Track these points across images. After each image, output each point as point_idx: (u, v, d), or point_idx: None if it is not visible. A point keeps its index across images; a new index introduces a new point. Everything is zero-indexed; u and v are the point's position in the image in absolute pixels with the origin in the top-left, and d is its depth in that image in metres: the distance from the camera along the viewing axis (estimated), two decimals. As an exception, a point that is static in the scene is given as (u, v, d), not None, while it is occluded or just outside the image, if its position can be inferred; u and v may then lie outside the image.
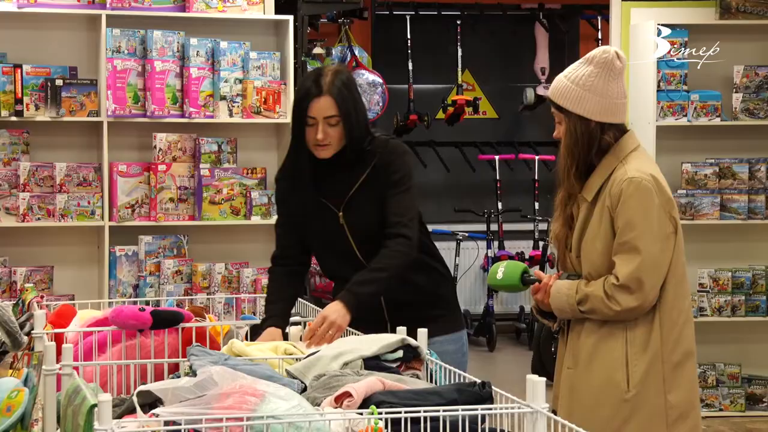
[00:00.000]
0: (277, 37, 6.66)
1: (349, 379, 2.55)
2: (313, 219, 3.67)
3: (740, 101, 7.07)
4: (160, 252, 6.36)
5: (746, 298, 7.12)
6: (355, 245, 3.61)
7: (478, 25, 10.36)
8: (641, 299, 3.28)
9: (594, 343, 3.35)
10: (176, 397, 2.32)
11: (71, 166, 6.24)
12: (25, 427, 2.95)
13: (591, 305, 3.31)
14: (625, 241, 3.29)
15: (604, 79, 3.34)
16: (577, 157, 3.36)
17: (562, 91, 3.37)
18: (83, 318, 3.45)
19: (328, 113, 3.48)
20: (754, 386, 7.18)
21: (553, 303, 3.39)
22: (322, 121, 3.49)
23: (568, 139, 3.37)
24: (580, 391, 3.37)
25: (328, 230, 3.64)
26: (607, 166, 3.37)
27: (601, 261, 3.33)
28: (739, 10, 7.04)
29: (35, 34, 6.34)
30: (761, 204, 7.07)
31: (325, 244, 3.73)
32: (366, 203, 3.59)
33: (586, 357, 3.36)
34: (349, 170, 3.59)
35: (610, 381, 3.31)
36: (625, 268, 3.26)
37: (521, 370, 5.88)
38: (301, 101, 3.54)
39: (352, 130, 3.52)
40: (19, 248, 6.32)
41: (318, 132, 3.49)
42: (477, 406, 2.28)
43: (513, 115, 10.77)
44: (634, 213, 3.29)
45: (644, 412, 3.29)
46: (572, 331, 3.42)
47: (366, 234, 3.60)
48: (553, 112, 3.43)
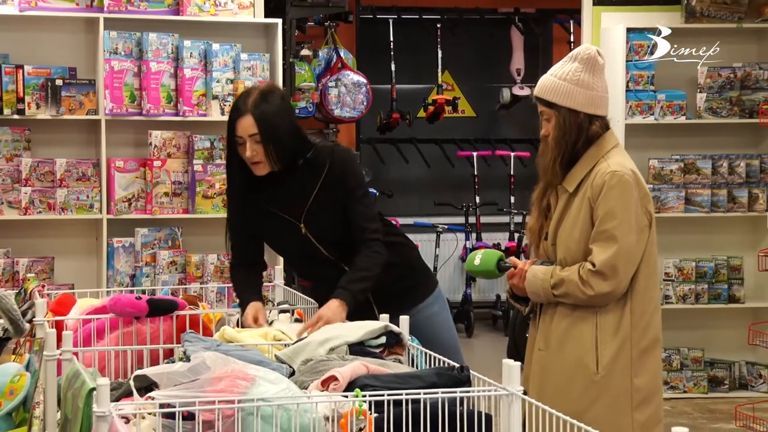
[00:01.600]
0: (266, 40, 6.65)
1: (335, 363, 2.56)
2: (274, 231, 3.61)
3: (704, 101, 7.09)
4: (156, 243, 6.35)
5: (709, 287, 7.14)
6: (323, 249, 3.58)
7: (457, 29, 10.36)
8: (614, 285, 3.28)
9: (566, 326, 3.35)
10: (171, 381, 2.32)
11: (71, 162, 6.23)
12: (27, 410, 2.95)
13: (565, 289, 3.31)
14: (604, 230, 3.30)
15: (589, 74, 3.36)
16: (564, 147, 3.36)
17: (550, 87, 3.37)
18: (82, 306, 3.44)
19: (251, 131, 3.42)
20: (716, 369, 7.21)
21: (528, 287, 3.39)
22: (248, 139, 3.43)
23: (557, 132, 3.36)
24: (551, 372, 3.37)
25: (293, 240, 3.59)
26: (589, 159, 3.38)
27: (577, 248, 3.34)
28: (703, 15, 7.06)
29: (36, 37, 6.32)
30: (723, 198, 7.10)
31: (293, 252, 3.70)
32: (325, 212, 3.54)
33: (558, 340, 3.36)
34: (301, 182, 3.53)
35: (580, 363, 3.32)
36: (602, 255, 3.27)
37: (497, 354, 5.89)
38: (229, 121, 3.49)
39: (276, 147, 3.43)
40: (21, 240, 6.30)
41: (246, 150, 3.43)
42: (456, 389, 2.28)
43: (490, 114, 10.78)
44: (614, 204, 3.30)
45: (611, 394, 3.30)
46: (544, 315, 3.43)
47: (331, 239, 3.57)
48: (541, 111, 3.42)
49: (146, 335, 3.23)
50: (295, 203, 3.54)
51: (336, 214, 3.54)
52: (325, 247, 3.57)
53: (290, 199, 3.54)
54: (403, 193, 10.22)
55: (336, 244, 3.56)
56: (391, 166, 10.34)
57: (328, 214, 3.54)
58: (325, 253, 3.57)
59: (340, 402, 2.20)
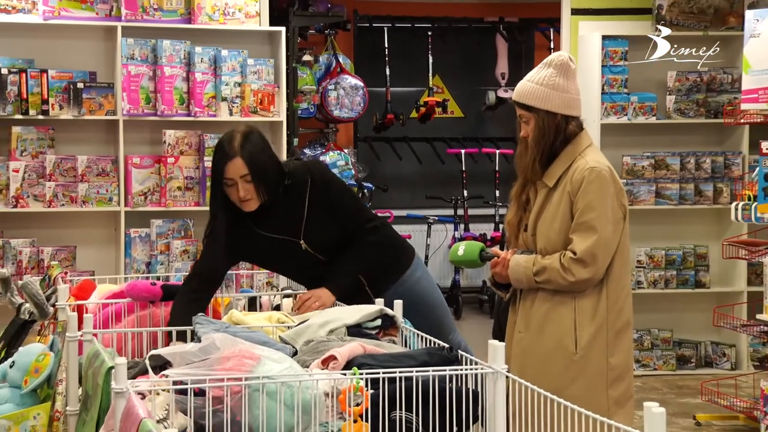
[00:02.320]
0: (271, 46, 6.63)
1: (334, 344, 2.55)
2: (270, 253, 3.55)
3: (673, 102, 7.08)
4: (170, 234, 6.33)
5: (677, 273, 7.15)
6: (320, 256, 3.55)
7: (446, 36, 10.34)
8: (593, 272, 3.28)
9: (546, 310, 3.35)
10: (183, 360, 2.31)
11: (91, 159, 6.21)
12: (51, 387, 2.94)
13: (547, 276, 3.30)
14: (584, 221, 3.29)
15: (563, 78, 3.35)
16: (543, 146, 3.35)
17: (528, 92, 3.36)
18: (102, 291, 3.43)
19: (242, 173, 3.37)
20: (684, 349, 7.22)
21: (511, 274, 3.38)
22: (239, 180, 3.37)
23: (537, 133, 3.35)
24: (531, 352, 3.37)
25: (292, 257, 3.54)
26: (567, 156, 3.36)
27: (557, 238, 3.33)
28: (672, 23, 7.05)
29: (59, 43, 6.30)
30: (690, 191, 7.10)
31: (291, 267, 3.65)
32: (319, 224, 3.52)
33: (538, 323, 3.36)
34: (289, 204, 3.49)
35: (559, 344, 3.31)
36: (582, 244, 3.26)
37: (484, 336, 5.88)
38: (215, 167, 3.41)
39: (264, 183, 3.40)
40: (45, 230, 6.28)
41: (240, 191, 3.38)
42: (445, 368, 2.28)
43: (477, 115, 10.76)
44: (593, 197, 3.29)
45: (589, 373, 3.30)
46: (524, 300, 3.42)
47: (328, 245, 3.54)
48: (519, 114, 3.40)
49: (160, 318, 3.22)
50: (289, 225, 3.50)
51: (331, 223, 3.52)
52: (322, 255, 3.54)
53: (283, 223, 3.50)
54: (397, 187, 10.21)
55: (333, 247, 3.55)
56: (386, 162, 10.33)
57: (324, 226, 3.52)
58: (321, 258, 3.55)
59: (339, 379, 2.20)
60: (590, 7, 7.22)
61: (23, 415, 2.89)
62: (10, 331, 3.53)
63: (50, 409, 2.87)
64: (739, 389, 6.18)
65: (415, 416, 2.25)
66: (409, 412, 2.25)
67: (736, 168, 7.09)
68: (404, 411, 2.24)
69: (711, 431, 5.89)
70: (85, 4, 6.26)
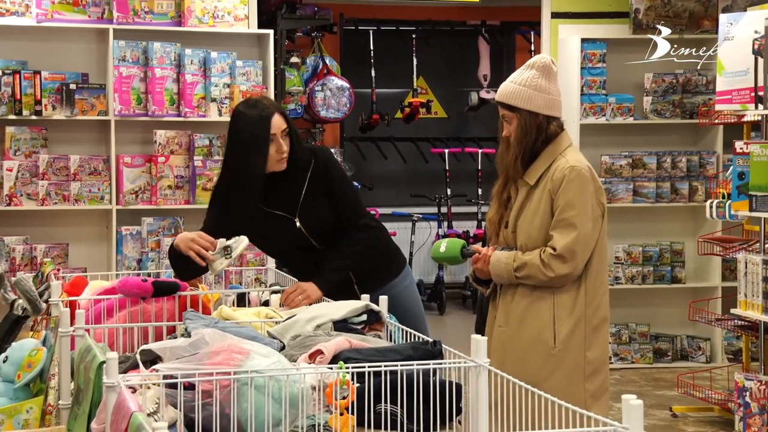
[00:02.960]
0: (259, 48, 6.61)
1: (321, 339, 2.54)
2: (265, 228, 3.53)
3: (650, 103, 7.11)
4: (160, 231, 6.31)
5: (654, 269, 7.17)
6: (314, 241, 3.53)
7: (430, 39, 10.35)
8: (572, 268, 3.28)
9: (525, 305, 3.34)
10: (174, 354, 2.30)
11: (83, 158, 6.19)
12: (44, 381, 2.92)
13: (527, 271, 3.30)
14: (564, 218, 3.29)
15: (546, 79, 3.35)
16: (525, 146, 3.35)
17: (512, 93, 3.36)
18: (94, 287, 3.41)
19: (283, 127, 3.41)
20: (660, 342, 7.24)
21: (492, 270, 3.38)
22: (280, 134, 3.40)
23: (519, 132, 3.35)
24: (511, 346, 3.36)
25: (285, 235, 3.53)
26: (548, 156, 3.37)
27: (537, 234, 3.33)
28: (649, 26, 7.06)
29: (52, 45, 6.27)
30: (667, 190, 7.12)
31: (283, 247, 3.62)
32: (315, 206, 3.50)
33: (518, 317, 3.35)
34: (290, 181, 3.49)
35: (539, 338, 3.31)
36: (562, 241, 3.26)
37: (467, 330, 5.89)
38: (260, 124, 3.38)
39: (297, 139, 3.47)
40: (39, 228, 6.26)
41: (281, 144, 3.40)
42: (429, 362, 2.27)
43: (460, 115, 10.77)
44: (573, 195, 3.29)
45: (566, 366, 3.30)
46: (504, 295, 3.41)
47: (322, 230, 3.53)
48: (502, 114, 3.40)
49: (151, 314, 3.21)
50: (287, 201, 3.49)
51: (326, 207, 3.51)
52: (315, 239, 3.53)
53: (283, 198, 3.49)
54: (383, 185, 10.21)
55: (325, 234, 3.53)
56: (372, 161, 10.33)
57: (319, 207, 3.50)
58: (315, 244, 3.53)
59: (325, 373, 2.19)
60: (569, 11, 7.24)
61: (16, 408, 2.87)
62: (3, 327, 3.51)
63: (43, 403, 2.86)
64: (713, 382, 6.20)
65: (400, 409, 2.25)
66: (394, 404, 2.25)
67: (710, 167, 7.11)
68: (389, 404, 2.24)
69: (687, 423, 5.91)
70: (77, 7, 6.23)
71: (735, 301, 5.18)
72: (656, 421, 5.87)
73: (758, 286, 4.92)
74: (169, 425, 2.07)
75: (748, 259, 5.01)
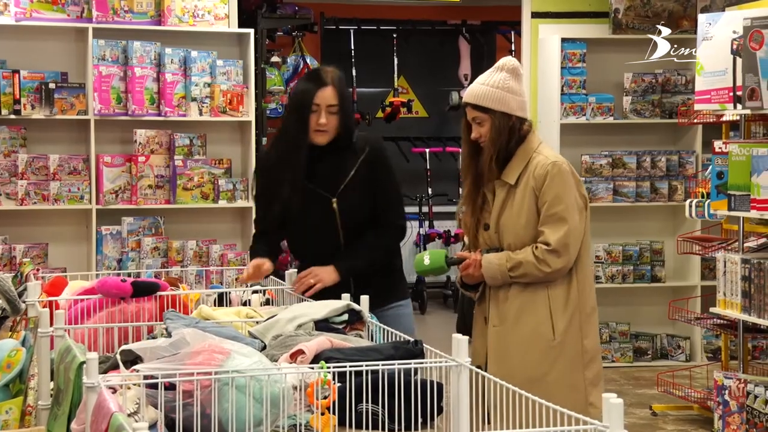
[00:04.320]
0: (240, 48, 6.60)
1: (302, 338, 2.54)
2: (301, 202, 3.50)
3: (629, 103, 7.14)
4: (140, 231, 6.29)
5: (634, 268, 7.20)
6: (341, 230, 3.50)
7: (411, 38, 10.35)
8: (566, 261, 3.31)
9: (520, 303, 3.36)
10: (154, 354, 2.29)
11: (63, 158, 6.16)
12: (23, 382, 2.90)
13: (523, 270, 3.31)
14: (554, 213, 3.31)
15: (516, 81, 3.39)
16: (499, 147, 3.37)
17: (484, 94, 3.37)
18: (73, 288, 3.40)
19: (331, 102, 3.44)
20: (641, 341, 7.28)
21: (486, 273, 3.37)
22: (324, 108, 3.44)
23: (494, 134, 3.36)
24: (509, 343, 3.36)
25: (317, 215, 3.50)
26: (523, 155, 3.39)
27: (524, 232, 3.34)
28: (628, 27, 7.10)
29: (31, 44, 6.23)
30: (647, 189, 7.15)
31: (310, 227, 3.55)
32: (356, 193, 3.49)
33: (514, 315, 3.36)
34: (340, 160, 3.50)
35: (537, 332, 3.33)
36: (555, 235, 3.29)
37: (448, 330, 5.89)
38: (306, 92, 3.47)
39: (347, 119, 3.50)
40: (18, 228, 6.22)
41: (321, 117, 3.44)
42: (410, 361, 2.27)
43: (440, 115, 10.78)
44: (559, 190, 3.32)
45: (567, 356, 3.34)
46: (495, 295, 3.40)
47: (353, 220, 3.50)
48: (473, 117, 3.40)
49: (131, 314, 3.19)
50: (331, 180, 3.49)
51: (366, 196, 3.50)
52: (343, 229, 3.49)
53: (326, 176, 3.49)
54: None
55: (355, 226, 3.50)
56: (353, 161, 10.31)
57: (359, 194, 3.49)
58: (340, 233, 3.50)
59: (307, 373, 2.19)
60: (549, 11, 7.26)
61: (-5, 409, 2.85)
62: (-18, 328, 3.48)
63: (22, 403, 2.84)
64: (693, 380, 6.24)
65: (381, 408, 2.25)
66: (376, 404, 2.25)
67: (690, 166, 7.15)
68: (370, 403, 2.24)
69: (666, 421, 5.94)
70: (56, 5, 6.20)
71: (714, 300, 5.21)
72: (636, 419, 5.90)
73: (737, 285, 4.95)
74: (150, 425, 2.06)
75: (727, 258, 5.04)
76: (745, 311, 4.90)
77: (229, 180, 6.39)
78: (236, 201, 6.38)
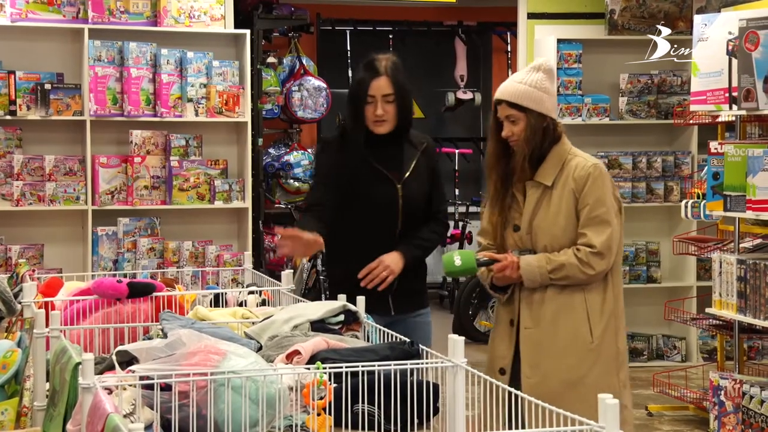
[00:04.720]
0: (236, 48, 6.60)
1: (298, 339, 2.54)
2: (367, 183, 3.51)
3: (625, 104, 7.14)
4: (136, 232, 6.29)
5: (630, 269, 7.20)
6: (401, 216, 3.52)
7: (407, 39, 10.35)
8: (608, 263, 3.32)
9: (556, 306, 3.34)
10: (150, 355, 2.29)
11: (59, 158, 6.16)
12: (19, 382, 2.90)
13: (565, 272, 3.30)
14: (597, 216, 3.31)
15: (550, 83, 3.39)
16: (534, 146, 3.35)
17: (522, 93, 3.34)
18: (69, 288, 3.40)
19: (386, 92, 3.47)
20: (636, 342, 7.28)
21: (525, 275, 3.33)
22: (380, 98, 3.46)
23: (529, 133, 3.34)
24: (546, 346, 3.34)
25: (381, 196, 3.51)
26: (557, 156, 3.37)
27: (562, 234, 3.33)
28: (624, 27, 7.10)
29: (27, 45, 6.23)
30: (642, 190, 7.16)
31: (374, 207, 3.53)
32: (418, 182, 3.56)
33: (551, 317, 3.34)
34: (401, 149, 3.55)
35: (576, 335, 3.32)
36: (599, 238, 3.29)
37: (444, 330, 5.88)
38: (361, 82, 3.50)
39: (405, 107, 3.52)
40: (13, 229, 6.22)
41: (377, 108, 3.46)
42: (407, 362, 2.28)
43: (437, 115, 10.78)
44: (601, 193, 3.32)
45: (604, 359, 3.34)
46: (528, 297, 3.36)
47: (413, 207, 3.54)
48: (508, 114, 3.36)
49: (127, 314, 3.19)
50: (395, 165, 3.53)
51: (426, 186, 3.57)
52: (403, 217, 3.52)
53: (392, 161, 3.53)
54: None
55: (412, 216, 3.53)
56: (349, 162, 10.30)
57: (421, 183, 3.56)
58: (400, 218, 3.51)
59: (303, 374, 2.19)
60: (545, 12, 7.26)
61: (-9, 410, 2.85)
62: (-22, 329, 3.48)
63: (18, 404, 2.84)
64: (689, 381, 6.24)
65: (377, 409, 2.25)
66: (372, 405, 2.25)
67: (685, 167, 7.16)
68: (366, 404, 2.24)
69: (662, 421, 5.94)
70: (52, 6, 6.20)
71: (710, 301, 5.21)
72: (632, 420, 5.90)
73: (733, 286, 4.96)
74: (146, 426, 2.06)
75: (723, 258, 5.05)
76: (741, 312, 4.90)
77: (225, 181, 6.38)
78: (232, 202, 6.38)
